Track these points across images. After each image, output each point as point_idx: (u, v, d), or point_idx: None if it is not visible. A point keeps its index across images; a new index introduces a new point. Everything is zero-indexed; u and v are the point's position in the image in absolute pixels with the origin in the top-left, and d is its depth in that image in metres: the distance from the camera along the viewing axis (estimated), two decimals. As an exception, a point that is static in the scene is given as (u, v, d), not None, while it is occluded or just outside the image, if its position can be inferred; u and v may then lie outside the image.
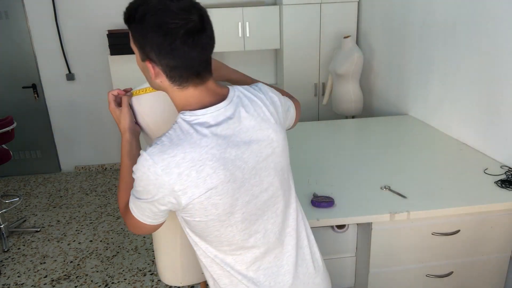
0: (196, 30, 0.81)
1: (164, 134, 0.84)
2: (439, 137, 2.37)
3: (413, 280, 1.72)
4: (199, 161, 0.81)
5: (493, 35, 1.98)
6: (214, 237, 0.90)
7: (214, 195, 0.83)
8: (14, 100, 4.02)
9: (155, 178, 0.80)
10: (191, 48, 0.81)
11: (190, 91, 0.87)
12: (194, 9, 0.81)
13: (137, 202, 0.87)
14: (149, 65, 0.84)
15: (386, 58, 3.27)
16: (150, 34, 0.80)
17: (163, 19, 0.79)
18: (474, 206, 1.59)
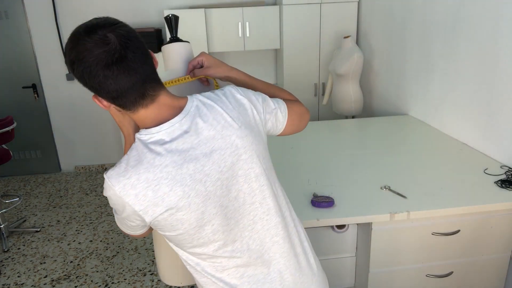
0: (113, 60, 0.77)
1: (124, 156, 0.87)
2: (439, 137, 2.37)
3: (413, 280, 1.72)
4: (153, 181, 0.82)
5: (493, 35, 1.98)
6: (190, 248, 0.91)
7: (176, 212, 0.83)
8: (14, 100, 4.02)
9: (116, 199, 0.84)
10: (116, 79, 0.79)
11: (142, 113, 0.86)
12: (110, 36, 0.78)
13: (115, 215, 0.95)
14: (96, 99, 0.85)
15: (386, 58, 3.27)
16: (78, 76, 0.80)
17: (83, 62, 0.77)
18: (474, 206, 1.59)
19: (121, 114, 0.99)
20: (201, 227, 0.87)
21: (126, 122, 1.02)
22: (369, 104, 3.69)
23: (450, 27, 2.33)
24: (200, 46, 3.71)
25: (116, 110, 0.95)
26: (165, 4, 3.90)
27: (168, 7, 3.89)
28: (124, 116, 0.99)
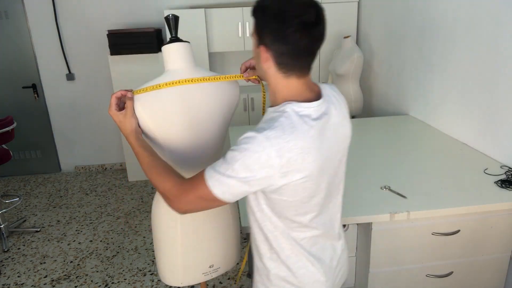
0: (310, 22, 0.88)
1: (275, 121, 0.90)
2: (439, 137, 2.37)
3: (413, 280, 1.72)
4: (306, 149, 0.90)
5: (493, 35, 1.98)
6: (289, 215, 0.98)
7: (308, 180, 0.93)
8: (14, 100, 4.02)
9: (267, 159, 0.87)
10: (302, 37, 0.88)
11: (293, 81, 0.95)
12: (313, 5, 0.90)
13: (224, 179, 0.90)
14: (262, 49, 0.92)
15: (386, 58, 3.27)
16: (270, 20, 0.89)
17: (283, 7, 0.87)
18: (474, 206, 1.59)
19: (122, 115, 1.06)
20: (311, 198, 0.97)
21: (128, 123, 1.07)
22: (369, 104, 3.69)
23: (450, 27, 2.33)
24: (200, 46, 3.71)
25: (116, 112, 1.04)
26: (165, 4, 3.90)
27: (168, 7, 3.89)
28: (125, 117, 1.06)
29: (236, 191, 0.91)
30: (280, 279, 1.06)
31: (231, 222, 1.42)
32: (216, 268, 1.43)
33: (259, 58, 0.96)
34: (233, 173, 0.89)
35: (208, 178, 0.92)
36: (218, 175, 0.91)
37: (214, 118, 1.23)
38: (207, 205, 0.97)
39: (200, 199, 0.95)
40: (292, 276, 1.05)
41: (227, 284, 2.45)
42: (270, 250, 1.04)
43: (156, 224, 1.36)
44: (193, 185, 0.95)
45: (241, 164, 0.88)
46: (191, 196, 0.96)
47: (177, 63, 1.20)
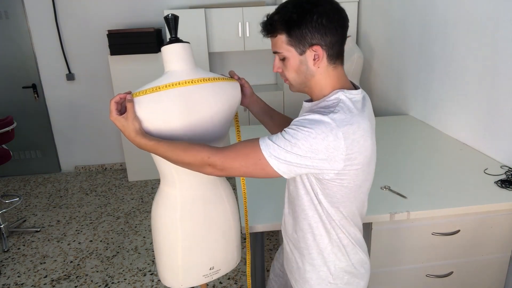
0: (341, 9, 0.97)
1: (335, 106, 0.95)
2: (439, 137, 2.37)
3: (413, 280, 1.72)
4: (366, 132, 0.96)
5: (493, 35, 1.98)
6: (345, 204, 1.03)
7: (365, 164, 0.98)
8: (14, 100, 4.02)
9: (334, 140, 0.90)
10: (343, 15, 0.97)
11: (339, 70, 1.02)
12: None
13: (283, 152, 0.92)
14: (313, 50, 0.96)
15: (386, 58, 3.27)
16: (315, 17, 0.93)
17: (320, 6, 0.94)
18: (474, 206, 1.59)
19: (124, 119, 1.07)
20: (363, 183, 1.02)
21: (131, 126, 1.07)
22: (369, 104, 3.69)
23: (450, 27, 2.33)
24: (200, 46, 3.71)
25: (118, 116, 1.05)
26: (165, 4, 3.90)
27: (168, 7, 3.89)
28: (128, 120, 1.06)
29: (294, 166, 0.93)
30: (341, 270, 1.11)
31: (232, 223, 1.41)
32: (217, 270, 1.41)
33: (305, 63, 0.99)
34: (293, 149, 0.91)
35: (265, 148, 0.93)
36: (275, 146, 0.92)
37: (215, 119, 1.22)
38: (254, 173, 0.97)
39: (247, 167, 0.96)
40: (350, 266, 1.11)
41: (227, 284, 2.45)
42: (331, 243, 1.08)
43: (156, 226, 1.34)
44: (243, 151, 0.96)
45: (304, 142, 0.90)
46: (237, 162, 0.97)
47: (177, 64, 1.18)
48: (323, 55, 0.97)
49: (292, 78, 1.04)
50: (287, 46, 0.98)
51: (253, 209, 1.61)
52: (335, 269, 1.10)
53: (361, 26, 3.77)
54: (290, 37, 0.97)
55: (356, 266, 1.12)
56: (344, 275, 1.11)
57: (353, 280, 1.13)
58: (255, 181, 1.87)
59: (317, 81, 1.01)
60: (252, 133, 2.08)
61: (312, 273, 1.12)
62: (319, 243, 1.09)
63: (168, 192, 1.29)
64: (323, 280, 1.11)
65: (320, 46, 0.96)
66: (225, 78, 1.23)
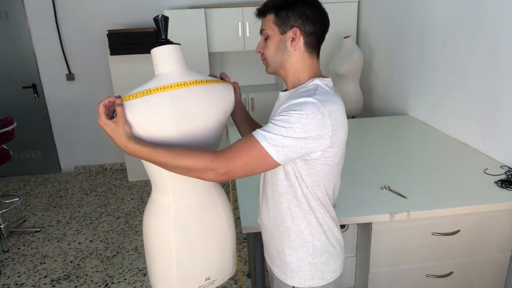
0: (324, 11, 1.11)
1: (315, 90, 1.03)
2: (439, 137, 2.37)
3: (413, 280, 1.72)
4: (343, 111, 1.05)
5: (493, 35, 1.98)
6: (327, 181, 1.10)
7: (343, 142, 1.07)
8: (14, 100, 4.02)
9: (321, 118, 0.97)
10: (326, 17, 1.11)
11: (315, 60, 1.13)
12: None
13: (280, 138, 0.96)
14: (294, 30, 1.07)
15: (386, 58, 3.27)
16: (301, 6, 1.07)
17: (308, 1, 1.08)
18: (474, 206, 1.59)
19: (114, 124, 1.02)
20: (340, 161, 1.11)
21: (121, 131, 1.02)
22: (369, 104, 3.69)
23: (450, 27, 2.33)
24: (200, 46, 3.71)
25: (107, 121, 1.01)
26: (165, 4, 3.90)
27: (168, 7, 3.89)
28: (118, 124, 1.01)
29: (289, 151, 0.97)
30: (319, 249, 1.16)
31: (228, 231, 1.36)
32: (213, 280, 1.36)
33: (284, 43, 1.09)
34: (289, 133, 0.96)
35: (261, 139, 0.97)
36: (272, 135, 0.96)
37: (209, 122, 1.17)
38: (258, 168, 1.00)
39: (250, 163, 0.98)
40: (327, 244, 1.16)
41: (227, 284, 2.45)
42: (309, 224, 1.13)
43: (149, 236, 1.28)
44: (243, 149, 0.98)
45: (297, 124, 0.95)
46: (240, 161, 0.98)
47: (168, 66, 1.13)
48: (300, 38, 1.08)
49: (269, 56, 1.12)
50: (272, 25, 1.09)
51: (252, 209, 1.61)
52: (313, 249, 1.15)
53: (361, 26, 3.77)
54: (277, 16, 1.08)
55: (333, 244, 1.18)
56: (322, 254, 1.16)
57: (330, 259, 1.18)
58: (255, 180, 1.87)
59: (292, 64, 1.11)
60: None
61: (292, 256, 1.16)
62: (297, 224, 1.13)
63: (161, 201, 1.23)
64: (303, 261, 1.16)
65: (299, 29, 1.07)
66: (218, 80, 1.20)
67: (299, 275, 1.17)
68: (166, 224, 1.23)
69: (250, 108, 3.91)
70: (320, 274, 1.17)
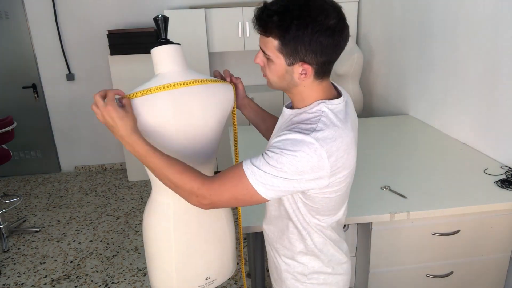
0: (346, 26, 0.91)
1: (317, 121, 0.91)
2: (439, 137, 2.37)
3: (413, 280, 1.72)
4: (349, 145, 0.93)
5: (493, 35, 1.98)
6: (325, 211, 1.02)
7: (350, 175, 0.99)
8: (14, 100, 4.02)
9: (318, 161, 0.88)
10: (343, 45, 0.91)
11: (325, 83, 0.97)
12: (335, 8, 0.89)
13: (269, 177, 0.88)
14: (304, 66, 0.91)
15: (386, 58, 3.27)
16: (316, 36, 0.86)
17: (326, 20, 0.86)
18: (474, 206, 1.59)
19: (123, 111, 0.98)
20: (345, 191, 1.03)
21: (131, 118, 0.98)
22: (369, 104, 3.69)
23: (450, 27, 2.33)
24: (200, 46, 3.71)
25: (117, 107, 0.96)
26: (165, 4, 3.90)
27: (168, 7, 3.89)
28: (127, 113, 0.98)
29: (280, 190, 0.91)
30: (316, 271, 1.11)
31: (227, 230, 1.36)
32: (212, 280, 1.37)
33: (290, 74, 0.94)
34: (279, 174, 0.88)
35: (250, 175, 0.90)
36: (261, 173, 0.89)
37: (208, 122, 1.17)
38: (243, 203, 0.95)
39: (236, 198, 0.93)
40: (326, 266, 1.11)
41: (227, 284, 2.45)
42: (305, 247, 1.08)
43: (148, 236, 1.28)
44: (230, 182, 0.92)
45: (289, 166, 0.87)
46: (227, 193, 0.93)
47: (168, 66, 1.13)
48: (311, 73, 0.93)
49: (272, 80, 0.99)
50: (277, 52, 0.92)
51: (252, 209, 1.61)
52: (309, 271, 1.11)
53: (361, 26, 3.77)
54: (283, 46, 0.90)
55: (334, 267, 1.12)
56: (319, 276, 1.11)
57: (331, 280, 1.13)
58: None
59: (299, 92, 0.98)
60: (250, 134, 2.07)
61: (287, 273, 1.13)
62: (294, 246, 1.09)
63: (160, 201, 1.23)
64: (298, 280, 1.12)
65: (310, 65, 0.91)
66: (218, 80, 1.20)
67: None
68: (166, 224, 1.24)
69: (250, 108, 3.90)
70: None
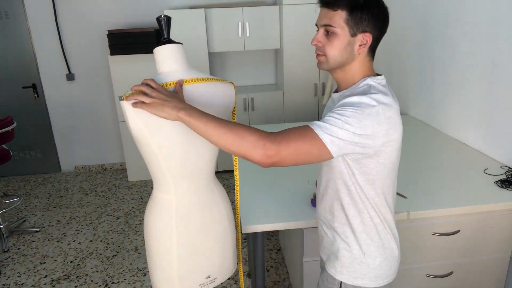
0: (388, 14, 1.05)
1: (369, 90, 1.02)
2: (439, 137, 2.37)
3: (413, 280, 1.72)
4: (397, 111, 1.03)
5: (493, 35, 1.98)
6: (381, 180, 1.07)
7: (399, 141, 1.05)
8: (14, 100, 4.02)
9: (376, 116, 0.96)
10: (387, 26, 1.06)
11: (371, 63, 1.09)
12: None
13: (335, 129, 0.95)
14: (366, 35, 1.03)
15: (386, 59, 3.27)
16: (377, 9, 1.01)
17: (380, 2, 1.03)
18: (474, 206, 1.59)
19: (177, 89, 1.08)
20: (396, 160, 1.09)
21: (182, 93, 1.07)
22: (369, 104, 3.69)
23: (450, 27, 2.33)
24: (200, 46, 3.71)
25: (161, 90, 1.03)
26: (165, 4, 3.90)
27: (168, 7, 3.89)
28: (179, 91, 1.08)
29: (344, 143, 0.96)
30: (373, 250, 1.13)
31: (228, 229, 1.37)
32: (213, 278, 1.37)
33: (352, 45, 1.04)
34: (344, 126, 0.95)
35: (316, 128, 0.96)
36: (327, 125, 0.96)
37: None
38: (309, 156, 0.97)
39: (303, 149, 0.96)
40: (381, 246, 1.14)
41: (227, 284, 2.45)
42: (362, 222, 1.12)
43: (150, 234, 1.29)
44: (298, 135, 0.96)
45: (353, 120, 0.95)
46: (293, 146, 0.95)
47: (170, 65, 1.16)
48: (369, 44, 1.04)
49: (332, 55, 1.05)
50: (343, 24, 1.02)
51: (252, 209, 1.61)
52: (367, 248, 1.13)
53: (361, 26, 3.76)
54: (350, 16, 1.01)
55: (388, 247, 1.14)
56: (376, 257, 1.14)
57: (385, 264, 1.15)
58: (255, 180, 1.87)
59: (353, 66, 1.07)
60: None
61: (345, 251, 1.15)
62: (351, 223, 1.12)
63: (162, 198, 1.24)
64: (356, 259, 1.14)
65: (370, 35, 1.03)
66: (219, 79, 1.22)
67: (349, 271, 1.16)
68: (167, 221, 1.25)
69: (250, 108, 3.91)
70: (372, 276, 1.15)
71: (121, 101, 1.06)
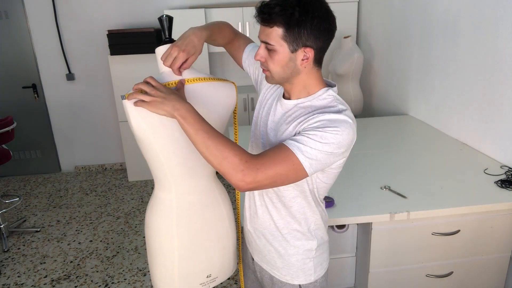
0: (334, 18, 1.01)
1: (337, 104, 1.03)
2: (439, 137, 2.37)
3: (413, 280, 1.72)
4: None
5: (493, 35, 1.98)
6: (331, 182, 1.12)
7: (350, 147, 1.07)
8: (14, 100, 4.02)
9: (353, 134, 0.99)
10: (333, 34, 1.02)
11: (320, 72, 1.08)
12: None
13: (314, 152, 0.95)
14: (307, 50, 0.99)
15: (386, 58, 3.27)
16: (316, 21, 0.96)
17: (322, 6, 0.98)
18: (474, 206, 1.59)
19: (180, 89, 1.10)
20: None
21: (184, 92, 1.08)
22: (369, 104, 3.69)
23: (450, 27, 2.33)
24: (200, 46, 3.71)
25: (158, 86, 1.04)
26: (165, 4, 3.90)
27: (168, 7, 3.89)
28: (180, 89, 1.09)
29: (319, 164, 0.98)
30: (321, 241, 1.21)
31: (229, 228, 1.37)
32: (214, 277, 1.37)
33: (293, 61, 1.01)
34: (324, 148, 0.96)
35: (297, 151, 0.95)
36: (308, 148, 0.95)
37: (211, 119, 1.17)
38: (286, 179, 0.98)
39: (281, 174, 0.95)
40: (326, 235, 1.24)
41: (227, 284, 2.45)
42: (316, 222, 1.18)
43: (151, 233, 1.29)
44: (277, 158, 0.95)
45: (333, 141, 0.96)
46: (273, 169, 0.94)
47: None
48: (312, 58, 1.01)
49: (275, 72, 1.04)
50: (281, 41, 0.98)
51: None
52: (318, 243, 1.19)
53: (361, 26, 3.77)
54: (287, 33, 0.97)
55: (324, 245, 1.23)
56: (321, 246, 1.22)
57: (325, 249, 1.25)
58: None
59: (301, 79, 1.05)
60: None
61: (298, 255, 1.18)
62: (308, 224, 1.17)
63: (163, 198, 1.24)
64: (308, 257, 1.19)
65: (312, 49, 1.00)
66: (220, 78, 1.22)
67: (304, 272, 1.20)
68: (168, 221, 1.25)
69: (250, 108, 3.91)
70: (319, 264, 1.22)
71: (123, 100, 1.06)
